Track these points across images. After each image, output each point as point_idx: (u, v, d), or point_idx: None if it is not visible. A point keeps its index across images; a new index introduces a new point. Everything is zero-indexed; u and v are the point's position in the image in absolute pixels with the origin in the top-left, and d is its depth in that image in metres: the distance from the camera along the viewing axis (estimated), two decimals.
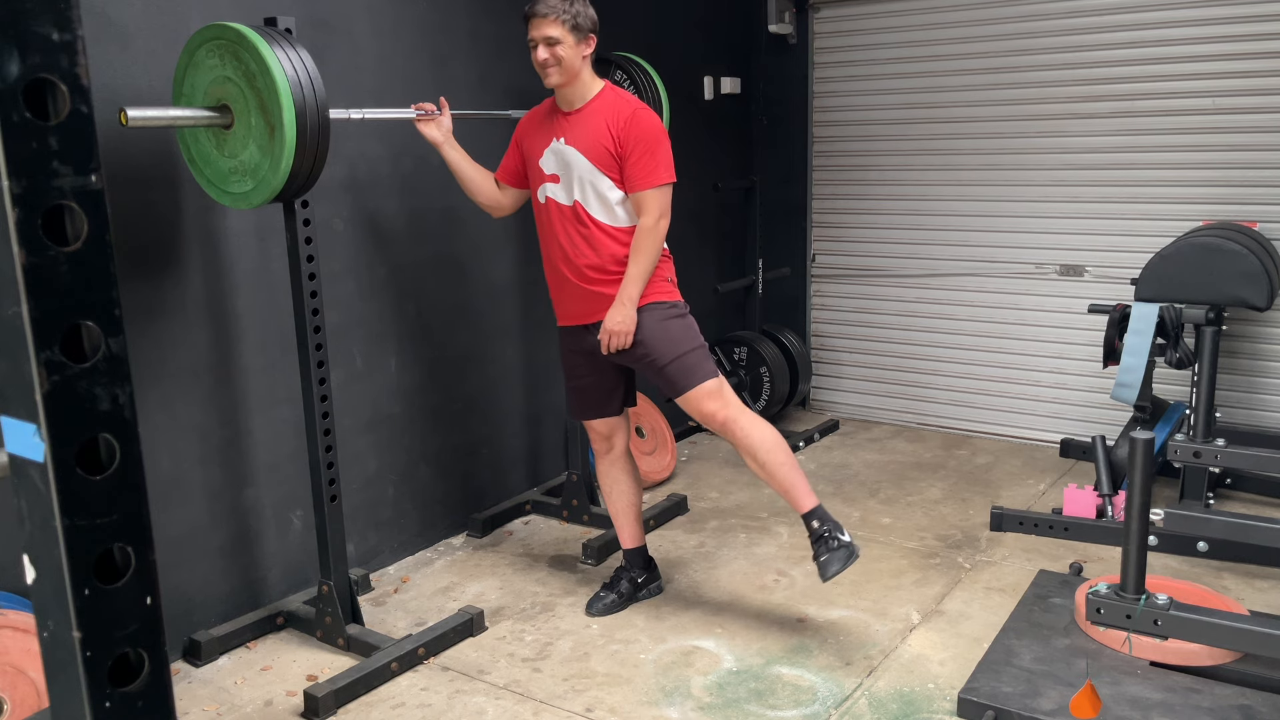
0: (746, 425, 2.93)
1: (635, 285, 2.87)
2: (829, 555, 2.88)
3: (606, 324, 2.88)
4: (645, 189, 2.84)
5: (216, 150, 2.66)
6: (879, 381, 5.30)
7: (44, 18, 0.57)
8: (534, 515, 4.09)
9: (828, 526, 2.92)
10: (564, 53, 2.81)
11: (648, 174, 2.84)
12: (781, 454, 2.94)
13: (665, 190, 2.87)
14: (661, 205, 2.86)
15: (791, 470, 2.94)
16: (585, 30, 2.83)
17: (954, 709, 2.61)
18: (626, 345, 2.89)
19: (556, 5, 2.79)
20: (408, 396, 3.64)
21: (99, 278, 0.60)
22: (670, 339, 2.93)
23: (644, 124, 2.85)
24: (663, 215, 2.86)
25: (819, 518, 2.94)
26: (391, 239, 3.53)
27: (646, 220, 2.85)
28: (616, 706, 2.69)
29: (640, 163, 2.83)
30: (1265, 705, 2.45)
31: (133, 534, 0.63)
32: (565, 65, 2.83)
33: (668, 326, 2.94)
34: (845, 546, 2.90)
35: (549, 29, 2.79)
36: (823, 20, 5.17)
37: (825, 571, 2.88)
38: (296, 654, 3.01)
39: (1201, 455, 3.13)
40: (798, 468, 2.96)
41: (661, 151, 2.86)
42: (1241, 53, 4.10)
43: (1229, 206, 4.18)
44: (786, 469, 2.93)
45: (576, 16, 2.81)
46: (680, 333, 2.95)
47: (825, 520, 2.94)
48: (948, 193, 4.90)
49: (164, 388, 2.90)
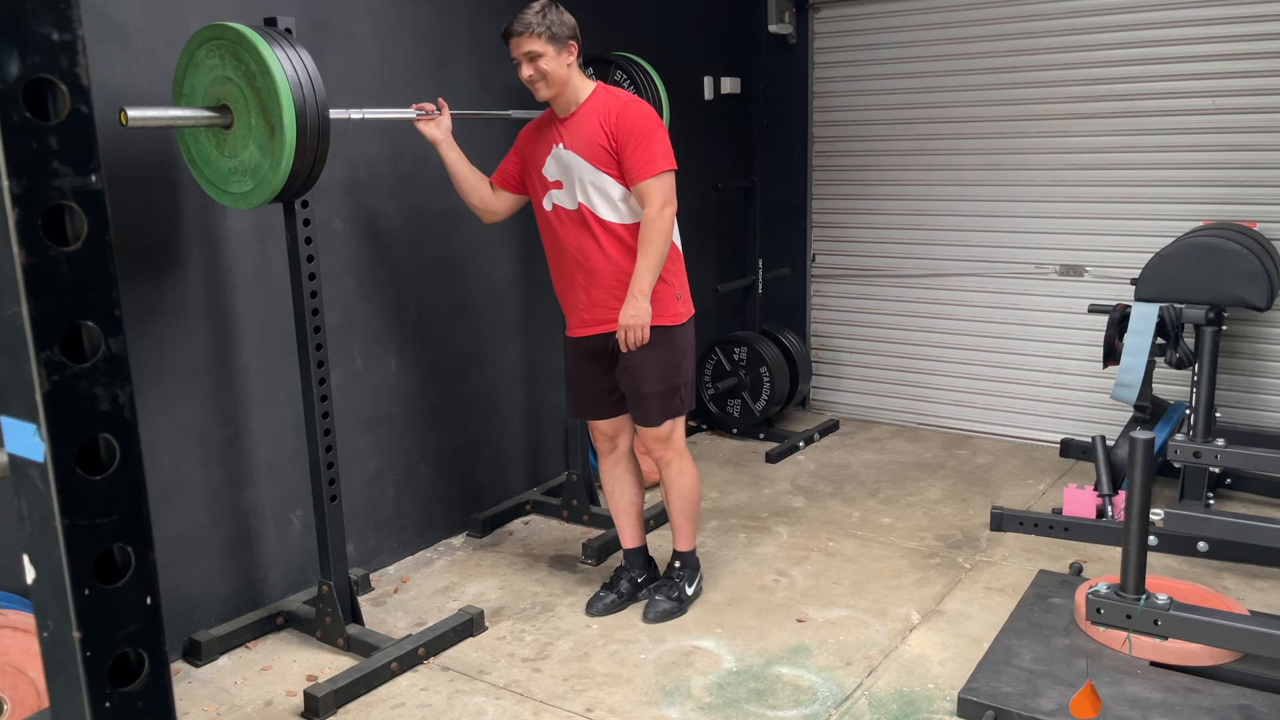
0: (677, 471, 3.16)
1: (646, 277, 2.86)
2: (662, 598, 3.19)
3: (622, 320, 2.88)
4: (645, 179, 2.84)
5: (216, 150, 2.66)
6: (879, 381, 5.30)
7: (44, 18, 0.57)
8: (534, 515, 4.09)
9: (684, 574, 3.25)
10: (547, 65, 2.82)
11: (645, 164, 2.83)
12: (690, 505, 3.22)
13: (666, 178, 2.85)
14: (664, 193, 2.85)
15: (690, 520, 3.24)
16: (564, 39, 2.83)
17: (954, 709, 2.61)
18: (644, 340, 2.90)
19: (531, 21, 2.78)
20: (408, 396, 3.64)
21: (99, 278, 0.60)
22: (656, 374, 2.99)
23: (635, 115, 2.85)
24: (666, 203, 2.85)
25: (684, 562, 3.26)
26: (391, 239, 3.53)
27: (650, 210, 2.84)
28: (616, 706, 2.69)
29: (636, 154, 2.83)
30: (1265, 705, 2.45)
31: (133, 534, 0.63)
32: (551, 77, 2.84)
33: (657, 358, 2.96)
34: (681, 602, 3.20)
35: (528, 45, 2.80)
36: (823, 20, 5.17)
37: (648, 612, 3.16)
38: (296, 654, 3.01)
39: (1201, 455, 3.13)
40: (696, 519, 3.27)
41: (657, 140, 2.85)
42: (1241, 53, 4.10)
43: (1229, 206, 4.18)
44: (685, 517, 3.22)
45: (552, 26, 2.80)
46: (667, 369, 3.00)
47: (686, 567, 3.26)
48: (948, 193, 4.90)
49: (164, 388, 2.90)
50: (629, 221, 2.91)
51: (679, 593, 3.20)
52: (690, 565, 3.27)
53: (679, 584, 3.22)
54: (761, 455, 4.72)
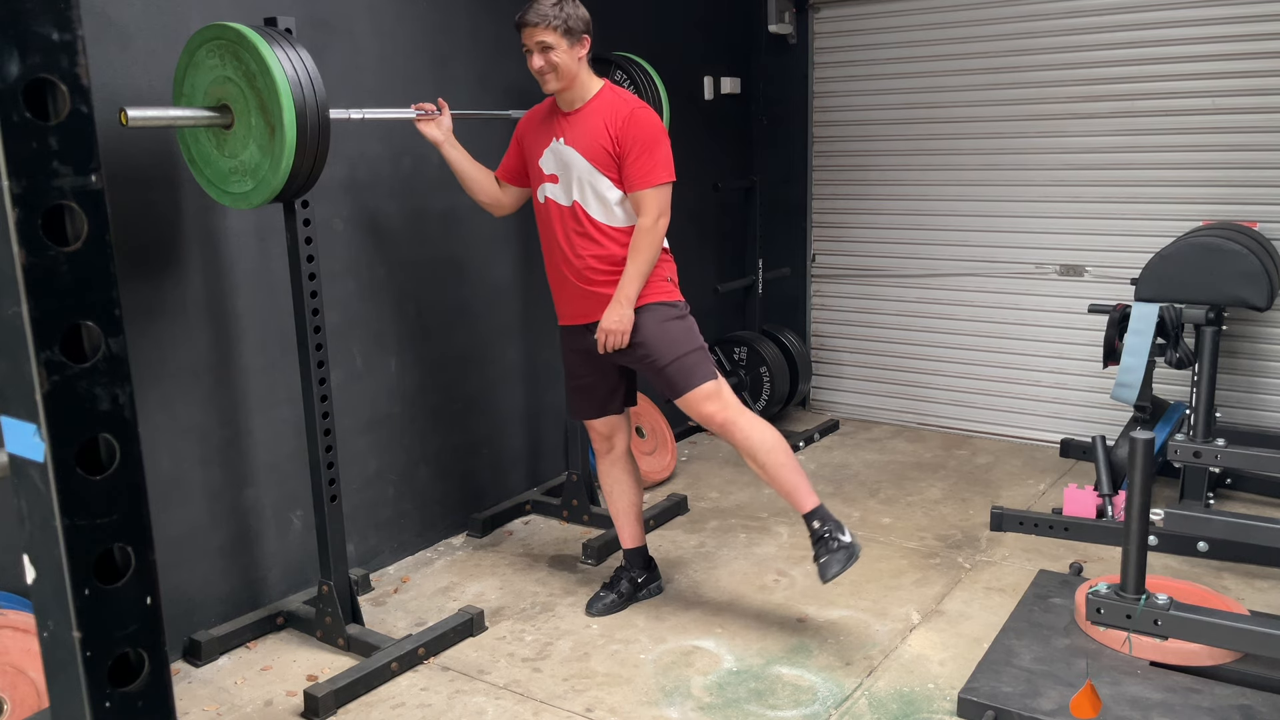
0: (746, 426, 2.92)
1: (633, 285, 2.86)
2: (829, 556, 2.87)
3: (603, 323, 2.87)
4: (644, 188, 2.83)
5: (216, 150, 2.66)
6: (879, 381, 5.30)
7: (44, 18, 0.57)
8: (534, 515, 4.09)
9: (829, 527, 2.91)
10: (559, 58, 2.80)
11: (646, 173, 2.83)
12: (782, 455, 2.93)
13: (664, 190, 2.86)
14: (660, 205, 2.85)
15: (793, 472, 2.93)
16: (579, 33, 2.82)
17: (954, 709, 2.61)
18: (623, 345, 2.88)
19: (547, 12, 2.76)
20: (408, 396, 3.64)
21: (99, 278, 0.60)
22: (670, 340, 2.92)
23: (642, 123, 2.84)
24: (661, 215, 2.85)
25: (820, 518, 2.93)
26: (391, 239, 3.53)
27: (645, 220, 2.84)
28: (616, 706, 2.69)
29: (638, 162, 2.82)
30: (1265, 705, 2.45)
31: (133, 534, 0.63)
32: (562, 70, 2.82)
33: (668, 328, 2.93)
34: (845, 548, 2.89)
35: (542, 36, 2.78)
36: (823, 20, 5.17)
37: (825, 573, 2.87)
38: (296, 654, 3.01)
39: (1201, 455, 3.13)
40: (799, 469, 2.96)
41: (660, 151, 2.85)
42: (1241, 53, 4.10)
43: (1229, 206, 4.18)
44: (788, 470, 2.93)
45: (568, 20, 2.79)
46: (680, 334, 2.95)
47: (826, 520, 2.93)
48: (948, 193, 4.90)
49: (164, 388, 2.90)
50: (621, 225, 2.91)
51: (837, 542, 2.88)
52: (825, 519, 2.91)
53: (834, 535, 2.89)
54: None
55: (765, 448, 2.92)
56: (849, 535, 2.92)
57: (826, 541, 2.90)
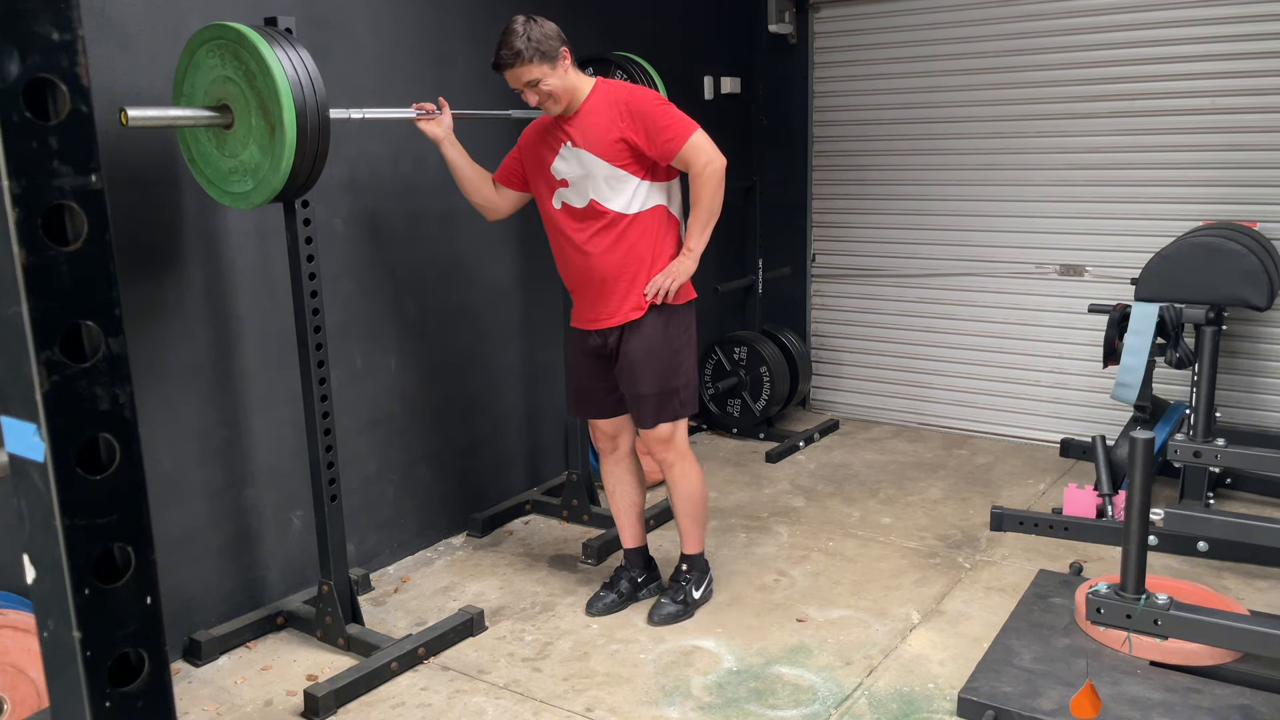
0: (681, 475, 3.13)
1: (696, 237, 2.93)
2: (668, 602, 3.16)
3: (669, 268, 2.93)
4: (679, 148, 2.84)
5: (217, 150, 2.66)
6: (879, 381, 5.30)
7: (44, 18, 0.57)
8: (534, 515, 4.09)
9: (691, 578, 3.21)
10: (550, 84, 2.80)
11: (671, 137, 2.84)
12: (694, 508, 3.18)
13: (697, 139, 2.85)
14: (703, 150, 2.84)
15: (695, 522, 3.20)
16: (555, 52, 2.79)
17: (954, 709, 2.61)
18: (671, 296, 2.94)
19: (519, 48, 2.74)
20: (408, 396, 3.64)
21: (99, 278, 0.60)
22: (658, 373, 2.97)
23: (642, 98, 2.88)
24: (708, 161, 2.84)
25: (691, 565, 3.22)
26: (391, 239, 3.53)
27: (695, 169, 2.86)
28: (616, 706, 2.69)
29: (661, 131, 2.84)
30: (1265, 705, 2.45)
31: (133, 534, 0.63)
32: (559, 94, 2.83)
33: (662, 355, 2.96)
34: (687, 605, 3.17)
35: (525, 74, 2.78)
36: (823, 20, 5.17)
37: (653, 615, 3.15)
38: (296, 654, 3.01)
39: (1201, 455, 3.13)
40: (701, 522, 3.22)
41: (670, 111, 2.88)
42: (1241, 53, 4.10)
43: (1229, 206, 4.18)
44: (690, 520, 3.19)
45: (539, 46, 2.75)
46: (669, 366, 2.98)
47: (694, 570, 3.22)
48: (948, 193, 4.90)
49: (164, 388, 2.90)
50: (641, 209, 2.92)
51: (684, 596, 3.18)
52: (697, 568, 3.24)
53: (685, 588, 3.19)
54: (761, 455, 4.72)
55: (686, 496, 3.16)
56: (699, 594, 3.21)
57: (679, 588, 3.20)
